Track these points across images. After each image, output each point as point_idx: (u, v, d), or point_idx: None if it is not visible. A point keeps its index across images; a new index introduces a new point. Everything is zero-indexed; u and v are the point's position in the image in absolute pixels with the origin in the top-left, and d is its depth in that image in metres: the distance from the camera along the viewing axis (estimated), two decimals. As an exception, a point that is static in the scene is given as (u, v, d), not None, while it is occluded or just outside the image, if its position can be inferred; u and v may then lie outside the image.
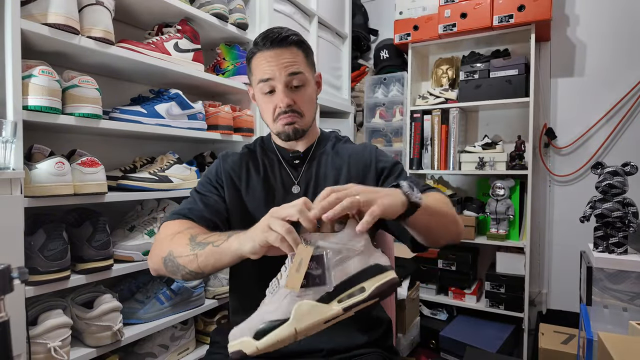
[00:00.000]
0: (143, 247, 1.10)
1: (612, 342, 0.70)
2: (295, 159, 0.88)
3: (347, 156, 0.87)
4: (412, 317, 1.83)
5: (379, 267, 0.55)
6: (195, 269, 0.68)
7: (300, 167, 0.88)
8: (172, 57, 1.18)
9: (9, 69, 0.83)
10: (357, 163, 0.86)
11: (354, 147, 0.91)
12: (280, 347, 0.54)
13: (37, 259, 0.88)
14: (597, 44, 1.90)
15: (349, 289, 0.54)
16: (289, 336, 0.52)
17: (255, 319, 0.55)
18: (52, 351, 0.86)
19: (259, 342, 0.52)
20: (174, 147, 1.47)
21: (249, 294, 0.81)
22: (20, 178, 0.84)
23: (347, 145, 0.91)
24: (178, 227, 0.76)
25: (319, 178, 0.86)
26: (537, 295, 2.00)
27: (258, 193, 0.85)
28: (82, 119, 0.96)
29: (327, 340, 0.79)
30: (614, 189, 1.17)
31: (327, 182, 0.84)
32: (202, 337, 1.32)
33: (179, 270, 0.70)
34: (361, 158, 0.87)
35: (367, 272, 0.54)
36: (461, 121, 2.05)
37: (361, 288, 0.53)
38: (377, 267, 0.55)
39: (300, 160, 0.88)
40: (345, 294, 0.53)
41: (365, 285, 0.54)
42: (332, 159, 0.87)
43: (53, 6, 0.89)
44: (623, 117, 1.85)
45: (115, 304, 0.99)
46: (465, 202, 2.07)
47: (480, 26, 1.86)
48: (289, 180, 0.87)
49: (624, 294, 1.17)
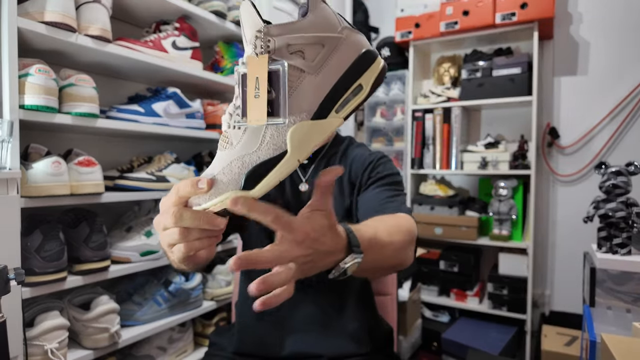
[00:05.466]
0: (140, 248, 1.10)
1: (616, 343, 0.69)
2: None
3: (351, 160, 0.85)
4: (413, 319, 1.82)
5: (371, 54, 0.42)
6: (173, 264, 0.66)
7: (309, 167, 0.86)
8: (170, 55, 1.17)
9: (5, 67, 0.83)
10: (357, 169, 0.84)
11: (361, 152, 0.87)
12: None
13: (33, 260, 0.87)
14: (601, 42, 1.88)
15: (343, 94, 0.41)
16: (291, 170, 0.41)
17: (227, 170, 0.41)
18: (49, 353, 0.85)
19: (254, 190, 0.40)
20: (172, 146, 1.46)
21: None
22: (17, 178, 0.83)
23: (357, 149, 0.88)
24: None
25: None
26: (540, 297, 1.98)
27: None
28: (79, 118, 0.95)
29: (327, 346, 0.78)
30: (617, 189, 1.15)
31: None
32: (200, 340, 1.31)
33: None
34: (361, 165, 0.83)
35: (360, 64, 0.41)
36: (463, 120, 2.03)
37: (358, 86, 0.41)
38: (369, 54, 0.42)
39: (310, 160, 0.87)
40: (342, 100, 0.41)
41: (362, 82, 0.41)
42: (339, 162, 0.86)
43: (50, 4, 0.88)
44: (627, 116, 1.83)
45: (112, 306, 0.98)
46: (467, 202, 2.05)
47: (482, 24, 1.85)
48: (297, 177, 0.86)
49: (628, 295, 1.15)
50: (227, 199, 0.40)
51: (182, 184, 0.42)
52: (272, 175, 0.40)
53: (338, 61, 0.41)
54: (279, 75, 0.39)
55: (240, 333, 0.84)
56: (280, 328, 0.81)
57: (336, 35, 0.41)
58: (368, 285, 0.88)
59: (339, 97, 0.41)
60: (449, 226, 1.94)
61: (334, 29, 0.41)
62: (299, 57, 0.40)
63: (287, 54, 0.39)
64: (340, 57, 0.41)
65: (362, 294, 0.85)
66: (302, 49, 0.40)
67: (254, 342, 0.82)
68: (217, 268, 1.33)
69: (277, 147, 0.40)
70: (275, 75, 0.39)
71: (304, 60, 0.40)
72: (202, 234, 0.42)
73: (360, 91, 0.42)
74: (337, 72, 0.41)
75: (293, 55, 0.40)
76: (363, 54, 0.41)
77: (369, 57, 0.41)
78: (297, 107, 0.40)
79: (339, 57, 0.41)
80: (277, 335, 0.80)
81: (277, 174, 0.40)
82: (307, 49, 0.40)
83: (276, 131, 0.40)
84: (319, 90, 0.40)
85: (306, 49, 0.40)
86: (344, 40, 0.41)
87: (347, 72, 0.41)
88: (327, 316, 0.81)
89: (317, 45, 0.40)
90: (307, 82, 0.40)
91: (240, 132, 0.41)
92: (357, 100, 0.42)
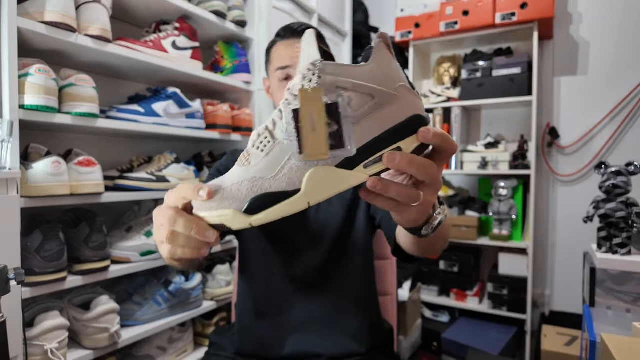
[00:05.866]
0: (140, 248, 1.09)
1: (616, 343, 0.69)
2: None
3: None
4: (413, 319, 1.82)
5: (420, 119, 0.39)
6: (164, 259, 0.66)
7: None
8: (169, 55, 1.17)
9: (5, 67, 0.83)
10: None
11: None
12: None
13: (33, 260, 0.87)
14: (601, 42, 1.88)
15: (378, 151, 0.38)
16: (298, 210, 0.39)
17: (236, 187, 0.39)
18: (49, 353, 0.85)
19: (255, 217, 0.39)
20: (172, 146, 1.46)
21: (259, 277, 0.82)
22: (17, 178, 0.83)
23: None
24: None
25: None
26: (540, 297, 1.98)
27: None
28: (79, 118, 0.95)
29: (327, 345, 0.78)
30: (617, 189, 1.15)
31: None
32: (200, 340, 1.31)
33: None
34: None
35: (406, 127, 0.38)
36: (463, 120, 2.03)
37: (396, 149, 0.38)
38: (418, 118, 0.39)
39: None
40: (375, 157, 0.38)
41: (402, 146, 0.38)
42: None
43: (50, 4, 0.88)
44: (627, 116, 1.83)
45: (112, 306, 0.98)
46: (467, 202, 2.05)
47: (482, 24, 1.85)
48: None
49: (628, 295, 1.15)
50: (226, 216, 0.39)
51: (186, 187, 0.42)
52: (277, 209, 0.38)
53: (384, 117, 0.38)
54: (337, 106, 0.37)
55: (240, 333, 0.84)
56: (280, 328, 0.81)
57: (390, 91, 0.38)
58: (372, 283, 0.88)
59: (373, 153, 0.38)
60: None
61: (390, 84, 0.38)
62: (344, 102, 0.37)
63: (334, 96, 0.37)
64: (387, 114, 0.38)
65: (364, 292, 0.85)
66: (350, 95, 0.37)
67: (254, 342, 0.82)
68: (217, 268, 1.33)
69: (291, 183, 0.38)
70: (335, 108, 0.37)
71: (348, 106, 0.37)
72: (189, 242, 0.41)
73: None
74: (380, 128, 0.38)
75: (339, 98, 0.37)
76: (413, 117, 0.39)
77: (419, 122, 0.39)
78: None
79: (387, 114, 0.38)
80: (277, 334, 0.80)
81: (282, 209, 0.38)
82: (356, 96, 0.38)
83: (296, 166, 0.38)
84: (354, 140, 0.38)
85: (354, 96, 0.38)
86: (396, 98, 0.38)
87: (391, 130, 0.38)
88: (327, 315, 0.81)
89: (367, 96, 0.38)
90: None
91: (261, 155, 0.40)
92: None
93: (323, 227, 0.81)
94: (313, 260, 0.81)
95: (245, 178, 0.39)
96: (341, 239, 0.81)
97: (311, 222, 0.82)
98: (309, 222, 0.82)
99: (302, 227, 0.82)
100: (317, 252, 0.81)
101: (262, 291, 0.83)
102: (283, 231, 0.82)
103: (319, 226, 0.82)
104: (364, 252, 0.83)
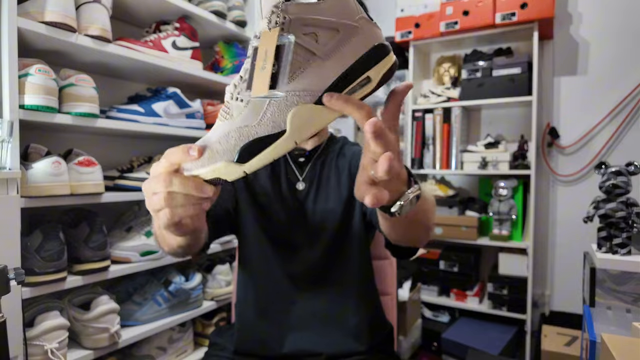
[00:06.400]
0: (140, 248, 1.10)
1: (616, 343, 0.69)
2: (300, 156, 0.88)
3: (349, 157, 0.86)
4: (413, 320, 1.82)
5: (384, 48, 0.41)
6: (162, 248, 0.66)
7: (305, 166, 0.87)
8: (170, 55, 1.17)
9: (5, 67, 0.83)
10: (358, 163, 0.84)
11: (359, 149, 0.89)
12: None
13: (33, 260, 0.87)
14: (601, 42, 1.88)
15: (350, 83, 0.40)
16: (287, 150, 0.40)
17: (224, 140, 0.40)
18: (49, 353, 0.85)
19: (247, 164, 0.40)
20: (172, 146, 1.45)
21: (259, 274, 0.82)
22: (17, 178, 0.83)
23: (354, 147, 0.90)
24: None
25: (322, 178, 0.85)
26: (540, 297, 1.98)
27: (263, 182, 0.85)
28: (79, 118, 0.95)
29: (327, 343, 0.78)
30: (617, 189, 1.15)
31: (330, 182, 0.84)
32: (200, 340, 1.31)
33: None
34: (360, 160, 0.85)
35: (372, 56, 0.40)
36: (463, 120, 2.03)
37: (366, 78, 0.40)
38: (382, 48, 0.41)
39: (306, 159, 0.87)
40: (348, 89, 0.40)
41: (370, 75, 0.40)
42: (336, 161, 0.87)
43: (50, 4, 0.88)
44: (627, 115, 1.83)
45: (112, 306, 0.98)
46: (467, 202, 2.05)
47: (482, 24, 1.85)
48: (294, 176, 0.86)
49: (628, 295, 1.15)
50: (220, 169, 0.40)
51: (173, 151, 0.42)
52: (267, 152, 0.39)
53: (350, 50, 0.40)
54: (284, 49, 0.38)
55: (240, 332, 0.84)
56: (280, 326, 0.81)
57: (352, 23, 0.40)
58: (371, 280, 0.88)
59: (345, 85, 0.40)
60: (449, 226, 1.94)
61: (351, 16, 0.40)
62: (311, 39, 0.39)
63: (301, 34, 0.39)
64: (353, 46, 0.40)
65: (363, 289, 0.85)
66: (316, 31, 0.39)
67: (254, 341, 0.82)
68: (217, 268, 1.33)
69: (276, 125, 0.39)
70: (282, 50, 0.38)
71: (317, 43, 0.39)
72: (188, 200, 0.41)
73: (367, 83, 0.41)
74: (348, 61, 0.40)
75: (306, 37, 0.39)
76: (376, 46, 0.40)
77: (382, 51, 0.41)
78: (302, 89, 0.39)
79: (352, 46, 0.40)
80: (277, 333, 0.81)
81: (272, 152, 0.40)
82: (321, 32, 0.39)
83: (277, 109, 0.39)
84: (327, 76, 0.39)
85: (320, 32, 0.39)
86: (359, 30, 0.40)
87: (358, 62, 0.40)
88: (327, 312, 0.81)
89: (332, 30, 0.39)
90: (315, 65, 0.39)
91: (242, 105, 0.41)
92: (364, 92, 0.41)
93: (321, 224, 0.82)
94: (312, 258, 0.81)
95: (230, 129, 0.40)
96: (339, 235, 0.82)
97: (309, 219, 0.82)
98: (306, 219, 0.82)
99: (300, 225, 0.82)
100: (315, 249, 0.81)
101: (262, 289, 0.83)
102: (281, 229, 0.82)
103: (317, 223, 0.82)
104: (361, 249, 0.83)
